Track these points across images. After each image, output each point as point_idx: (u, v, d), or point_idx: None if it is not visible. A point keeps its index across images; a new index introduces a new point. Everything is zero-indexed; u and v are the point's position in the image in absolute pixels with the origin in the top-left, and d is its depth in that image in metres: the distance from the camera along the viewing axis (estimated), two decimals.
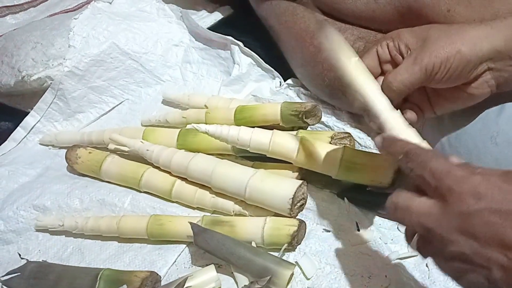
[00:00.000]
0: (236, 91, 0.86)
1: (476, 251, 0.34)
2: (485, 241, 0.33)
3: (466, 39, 0.46)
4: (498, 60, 0.46)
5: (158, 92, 0.89)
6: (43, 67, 0.80)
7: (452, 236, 0.35)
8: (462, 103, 0.50)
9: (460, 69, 0.46)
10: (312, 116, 0.71)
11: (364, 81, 0.47)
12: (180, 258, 0.62)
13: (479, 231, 0.33)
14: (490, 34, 0.46)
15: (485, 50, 0.45)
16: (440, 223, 0.35)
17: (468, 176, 0.35)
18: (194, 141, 0.72)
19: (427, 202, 0.37)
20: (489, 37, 0.45)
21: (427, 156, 0.38)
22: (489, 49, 0.45)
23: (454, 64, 0.45)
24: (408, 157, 0.39)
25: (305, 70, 0.78)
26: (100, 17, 0.86)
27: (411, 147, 0.40)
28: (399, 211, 0.39)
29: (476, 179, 0.35)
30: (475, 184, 0.34)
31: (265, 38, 0.88)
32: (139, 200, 0.69)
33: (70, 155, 0.74)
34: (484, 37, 0.46)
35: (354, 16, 0.71)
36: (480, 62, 0.46)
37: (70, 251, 0.66)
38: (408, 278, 0.55)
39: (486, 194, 0.34)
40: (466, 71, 0.46)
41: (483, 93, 0.49)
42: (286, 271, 0.55)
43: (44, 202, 0.70)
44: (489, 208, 0.33)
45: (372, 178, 0.61)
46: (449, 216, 0.35)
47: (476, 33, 0.46)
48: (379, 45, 0.51)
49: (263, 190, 0.61)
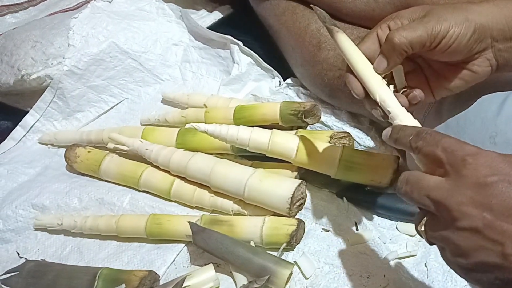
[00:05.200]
0: (235, 90, 0.86)
1: (490, 224, 0.33)
2: (500, 212, 0.33)
3: (473, 13, 0.45)
4: (501, 39, 0.46)
5: (158, 91, 0.89)
6: (43, 66, 0.80)
7: (464, 208, 0.34)
8: (462, 83, 0.49)
9: (468, 38, 0.45)
10: (311, 116, 0.71)
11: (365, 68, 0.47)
12: (179, 258, 0.62)
13: (495, 202, 0.33)
14: (496, 14, 0.45)
15: (490, 24, 0.45)
16: (452, 195, 0.35)
17: (482, 152, 0.35)
18: (193, 141, 0.72)
19: (438, 178, 0.36)
20: (495, 17, 0.45)
21: (439, 135, 0.37)
22: (493, 24, 0.45)
23: (462, 30, 0.44)
24: (419, 136, 0.38)
25: (304, 69, 0.78)
26: (100, 16, 0.86)
27: (422, 128, 0.39)
28: (409, 185, 0.38)
29: (491, 154, 0.34)
30: (491, 158, 0.34)
31: (264, 37, 0.88)
32: (138, 199, 0.69)
33: (69, 154, 0.74)
34: (491, 15, 0.45)
35: (353, 15, 0.71)
36: (485, 34, 0.45)
37: (69, 250, 0.66)
38: (407, 277, 0.55)
39: (502, 168, 0.34)
40: (472, 41, 0.45)
41: (484, 71, 0.48)
42: (284, 271, 0.55)
43: (43, 201, 0.70)
44: (506, 180, 0.33)
45: (371, 177, 0.61)
46: (462, 188, 0.34)
47: (483, 10, 0.45)
48: (379, 27, 0.49)
49: (262, 189, 0.61)
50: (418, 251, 0.58)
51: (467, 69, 0.48)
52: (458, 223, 0.34)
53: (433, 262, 0.56)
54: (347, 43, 0.48)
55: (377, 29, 0.49)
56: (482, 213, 0.33)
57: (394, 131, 0.42)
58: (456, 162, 0.35)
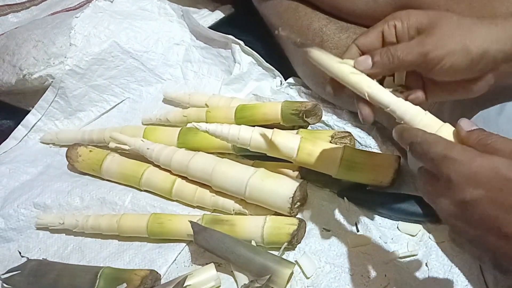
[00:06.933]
0: (236, 90, 0.86)
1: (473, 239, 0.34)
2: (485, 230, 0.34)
3: (476, 37, 0.44)
4: (504, 62, 0.45)
5: (159, 91, 0.89)
6: (45, 66, 0.81)
7: (451, 221, 0.35)
8: (458, 96, 0.49)
9: (464, 66, 0.45)
10: (312, 115, 0.71)
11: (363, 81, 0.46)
12: (180, 257, 0.62)
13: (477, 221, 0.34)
14: (501, 36, 0.44)
15: (493, 51, 0.44)
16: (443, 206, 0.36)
17: (467, 160, 0.34)
18: (195, 140, 0.72)
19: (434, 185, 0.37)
20: (500, 40, 0.44)
21: (427, 144, 0.37)
22: (498, 51, 0.44)
23: (458, 59, 0.44)
24: (412, 148, 0.39)
25: (306, 68, 0.78)
26: (102, 16, 0.86)
27: (413, 138, 0.39)
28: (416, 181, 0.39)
29: (475, 164, 0.34)
30: (473, 170, 0.34)
31: (265, 37, 0.88)
32: (140, 198, 0.69)
33: (70, 153, 0.74)
34: (495, 39, 0.44)
35: (355, 15, 0.71)
36: (486, 61, 0.45)
37: (71, 249, 0.67)
38: (408, 277, 0.55)
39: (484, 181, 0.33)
40: (469, 69, 0.45)
41: (481, 89, 0.47)
42: (285, 270, 0.55)
43: (44, 200, 0.70)
44: (486, 197, 0.33)
45: (372, 177, 0.61)
46: (448, 201, 0.35)
47: (487, 33, 0.44)
48: (386, 24, 0.47)
49: (263, 189, 0.61)
50: (419, 251, 0.58)
51: (463, 86, 0.47)
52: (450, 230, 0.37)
53: (434, 262, 0.56)
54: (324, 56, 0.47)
55: (383, 26, 0.48)
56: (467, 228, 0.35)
57: (396, 136, 0.42)
58: (443, 178, 0.36)
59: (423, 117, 0.43)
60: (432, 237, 0.59)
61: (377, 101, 0.45)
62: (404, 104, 0.44)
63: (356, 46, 0.48)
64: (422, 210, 0.59)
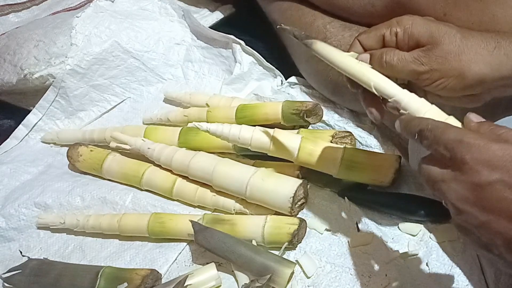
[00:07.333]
0: (237, 89, 0.86)
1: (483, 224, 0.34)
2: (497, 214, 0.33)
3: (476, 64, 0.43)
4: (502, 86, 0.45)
5: (160, 91, 0.89)
6: (45, 65, 0.81)
7: (462, 206, 0.35)
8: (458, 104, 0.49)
9: (458, 90, 0.45)
10: (313, 115, 0.71)
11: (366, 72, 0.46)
12: (181, 256, 0.62)
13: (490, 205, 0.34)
14: (503, 63, 0.43)
15: (491, 79, 0.43)
16: (453, 191, 0.36)
17: (483, 145, 0.34)
18: (196, 140, 0.72)
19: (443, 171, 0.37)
20: (501, 67, 0.43)
21: (439, 129, 0.37)
22: (497, 77, 0.43)
23: (452, 83, 0.44)
24: (422, 135, 0.38)
25: (309, 65, 0.78)
26: (102, 16, 0.87)
27: (423, 125, 0.39)
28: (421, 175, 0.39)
29: (491, 148, 0.34)
30: (490, 154, 0.34)
31: (266, 36, 0.88)
32: (140, 198, 0.69)
33: (71, 153, 0.74)
34: (496, 67, 0.43)
35: (356, 15, 0.71)
36: (482, 88, 0.45)
37: (71, 248, 0.67)
38: (409, 277, 0.55)
39: (500, 165, 0.33)
40: (464, 91, 0.45)
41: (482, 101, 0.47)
42: (286, 270, 0.55)
43: (45, 200, 0.70)
44: (502, 181, 0.33)
45: (372, 177, 0.61)
46: (461, 186, 0.35)
47: (489, 58, 0.43)
48: (388, 30, 0.47)
49: (264, 188, 0.61)
50: (419, 250, 0.58)
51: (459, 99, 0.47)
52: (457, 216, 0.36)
53: (434, 262, 0.56)
54: (328, 48, 0.47)
55: (385, 30, 0.47)
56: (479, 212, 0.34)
57: (402, 125, 0.41)
58: (457, 160, 0.35)
59: (430, 107, 0.43)
60: (433, 237, 0.59)
61: (383, 91, 0.45)
62: (409, 95, 0.44)
63: (358, 41, 0.48)
64: (423, 210, 0.60)
